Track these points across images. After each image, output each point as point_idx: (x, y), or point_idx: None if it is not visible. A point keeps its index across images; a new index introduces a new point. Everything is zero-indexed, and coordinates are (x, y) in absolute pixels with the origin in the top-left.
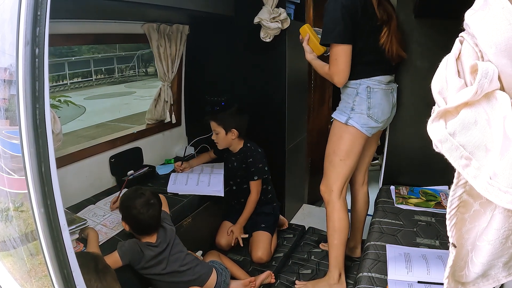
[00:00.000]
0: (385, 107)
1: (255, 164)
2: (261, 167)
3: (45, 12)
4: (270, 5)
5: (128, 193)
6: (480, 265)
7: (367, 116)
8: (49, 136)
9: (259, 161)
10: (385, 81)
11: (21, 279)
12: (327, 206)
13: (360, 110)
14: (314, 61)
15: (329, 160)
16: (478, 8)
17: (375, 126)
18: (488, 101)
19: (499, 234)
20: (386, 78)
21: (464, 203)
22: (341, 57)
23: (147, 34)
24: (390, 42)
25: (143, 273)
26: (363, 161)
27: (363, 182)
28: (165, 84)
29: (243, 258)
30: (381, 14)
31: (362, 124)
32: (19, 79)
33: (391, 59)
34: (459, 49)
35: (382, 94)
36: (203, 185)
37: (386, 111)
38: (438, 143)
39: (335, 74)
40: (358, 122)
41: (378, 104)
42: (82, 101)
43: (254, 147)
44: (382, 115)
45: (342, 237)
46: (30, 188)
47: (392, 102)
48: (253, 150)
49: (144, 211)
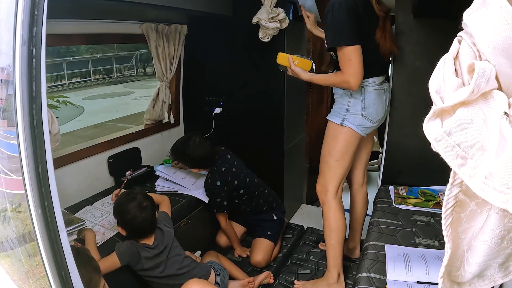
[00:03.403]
0: (379, 107)
1: (212, 198)
2: (219, 202)
3: (42, 12)
4: (268, 5)
5: (120, 199)
6: (476, 265)
7: (362, 116)
8: (46, 136)
9: (217, 196)
10: (378, 82)
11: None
12: (323, 206)
13: (355, 111)
14: (314, 77)
15: (324, 160)
16: (476, 7)
17: (370, 126)
18: (485, 100)
19: (494, 234)
20: (379, 79)
21: (460, 203)
22: (355, 58)
23: (146, 34)
24: (384, 38)
25: (142, 275)
26: (361, 161)
27: (363, 182)
28: (164, 84)
29: (241, 258)
30: (380, 12)
31: (357, 125)
32: (16, 79)
33: (384, 56)
34: (457, 49)
35: (376, 94)
36: (189, 182)
37: (380, 111)
38: (434, 142)
39: (351, 76)
40: (353, 123)
41: (372, 104)
42: (80, 101)
43: (212, 180)
44: (376, 115)
45: (339, 236)
46: (27, 189)
47: (385, 101)
48: (208, 185)
49: (138, 215)
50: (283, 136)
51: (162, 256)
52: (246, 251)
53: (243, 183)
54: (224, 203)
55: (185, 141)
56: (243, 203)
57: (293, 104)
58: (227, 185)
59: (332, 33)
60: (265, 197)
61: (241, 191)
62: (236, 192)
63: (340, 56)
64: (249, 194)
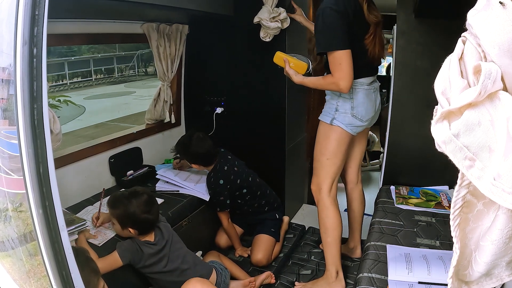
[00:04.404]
0: (368, 106)
1: (215, 197)
2: (222, 200)
3: (43, 11)
4: (270, 4)
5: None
6: (484, 264)
7: (351, 115)
8: (47, 136)
9: (219, 194)
10: (367, 82)
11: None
12: (318, 205)
13: (344, 110)
14: (306, 80)
15: (317, 159)
16: (481, 8)
17: (360, 125)
18: (491, 101)
19: (502, 234)
20: (368, 79)
21: (468, 203)
22: (345, 62)
23: (147, 34)
24: (373, 44)
25: (145, 272)
26: (354, 160)
27: (357, 180)
28: (165, 84)
29: (242, 258)
30: (371, 18)
31: (346, 124)
32: (17, 79)
33: (372, 61)
34: (462, 49)
35: (365, 94)
36: (191, 183)
37: (369, 110)
38: (442, 144)
39: (341, 79)
40: (342, 122)
41: (361, 104)
42: (81, 101)
43: (215, 178)
44: (366, 114)
45: (335, 234)
46: (28, 189)
47: (375, 101)
48: (211, 183)
49: (149, 210)
50: (284, 136)
51: (165, 250)
52: (247, 250)
53: (246, 182)
54: (227, 201)
55: (189, 136)
56: (246, 203)
57: (294, 104)
58: (230, 184)
59: (322, 38)
60: (267, 197)
61: (244, 191)
62: (239, 191)
63: (330, 60)
64: (252, 194)
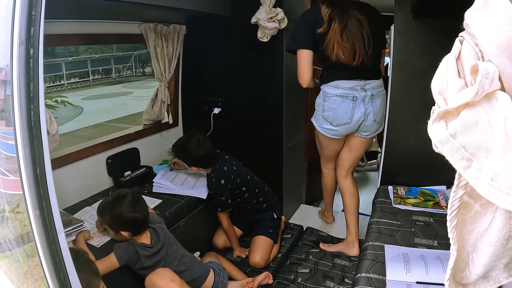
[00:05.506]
0: (340, 113)
1: (216, 197)
2: (224, 200)
3: (39, 12)
4: (267, 5)
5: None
6: (481, 266)
7: (322, 117)
8: (44, 137)
9: (221, 194)
10: (344, 86)
11: (18, 281)
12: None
13: (318, 111)
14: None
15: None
16: (478, 7)
17: (331, 128)
18: (489, 101)
19: (500, 235)
20: (346, 83)
21: (465, 204)
22: (301, 60)
23: (144, 34)
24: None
25: (142, 274)
26: (340, 162)
27: (345, 176)
28: (162, 84)
29: (240, 259)
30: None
31: (318, 124)
32: (13, 79)
33: (352, 63)
34: (459, 49)
35: (337, 100)
36: (188, 186)
37: (341, 117)
38: (439, 144)
39: (298, 75)
40: (316, 121)
41: (331, 108)
42: (79, 101)
43: (216, 179)
44: (335, 119)
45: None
46: (25, 191)
47: (352, 109)
48: (213, 184)
49: (135, 209)
50: (282, 136)
51: (161, 253)
52: (245, 251)
53: (245, 180)
54: (228, 201)
55: (187, 139)
56: (244, 201)
57: (292, 104)
58: (231, 183)
59: (290, 38)
60: (265, 194)
61: (243, 189)
62: (238, 190)
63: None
64: (250, 192)
